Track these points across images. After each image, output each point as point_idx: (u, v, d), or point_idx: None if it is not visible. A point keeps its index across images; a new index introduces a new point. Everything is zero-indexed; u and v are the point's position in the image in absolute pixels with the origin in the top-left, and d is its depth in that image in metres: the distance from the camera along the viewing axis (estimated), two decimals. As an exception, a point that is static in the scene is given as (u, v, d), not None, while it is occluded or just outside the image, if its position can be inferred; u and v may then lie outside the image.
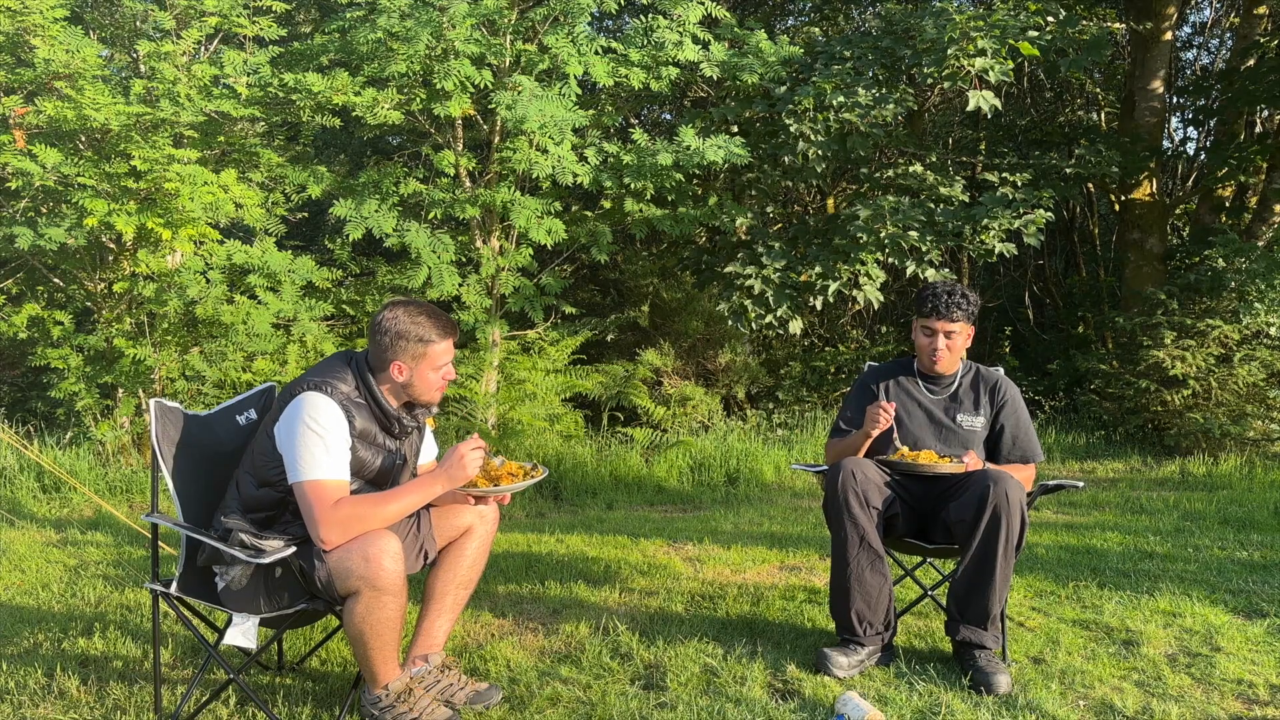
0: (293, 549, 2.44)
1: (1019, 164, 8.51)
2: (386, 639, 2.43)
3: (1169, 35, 9.48)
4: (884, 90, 7.63)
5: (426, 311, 2.58)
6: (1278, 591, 3.83)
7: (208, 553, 2.58)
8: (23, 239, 6.36)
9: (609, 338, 9.88)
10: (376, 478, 2.60)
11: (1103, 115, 11.42)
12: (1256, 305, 7.88)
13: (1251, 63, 9.30)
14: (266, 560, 2.40)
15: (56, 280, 7.60)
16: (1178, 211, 10.95)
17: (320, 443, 2.42)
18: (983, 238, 7.66)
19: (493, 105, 6.81)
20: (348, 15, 7.18)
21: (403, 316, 2.55)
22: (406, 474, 2.73)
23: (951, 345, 3.17)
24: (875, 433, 3.10)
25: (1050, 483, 3.20)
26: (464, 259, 7.79)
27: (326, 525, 2.37)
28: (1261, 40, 9.31)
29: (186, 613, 2.69)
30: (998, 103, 7.14)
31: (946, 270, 7.81)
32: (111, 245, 7.27)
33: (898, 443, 3.16)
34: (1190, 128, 12.32)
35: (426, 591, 2.81)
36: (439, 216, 7.41)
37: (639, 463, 7.26)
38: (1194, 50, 13.08)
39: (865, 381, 3.38)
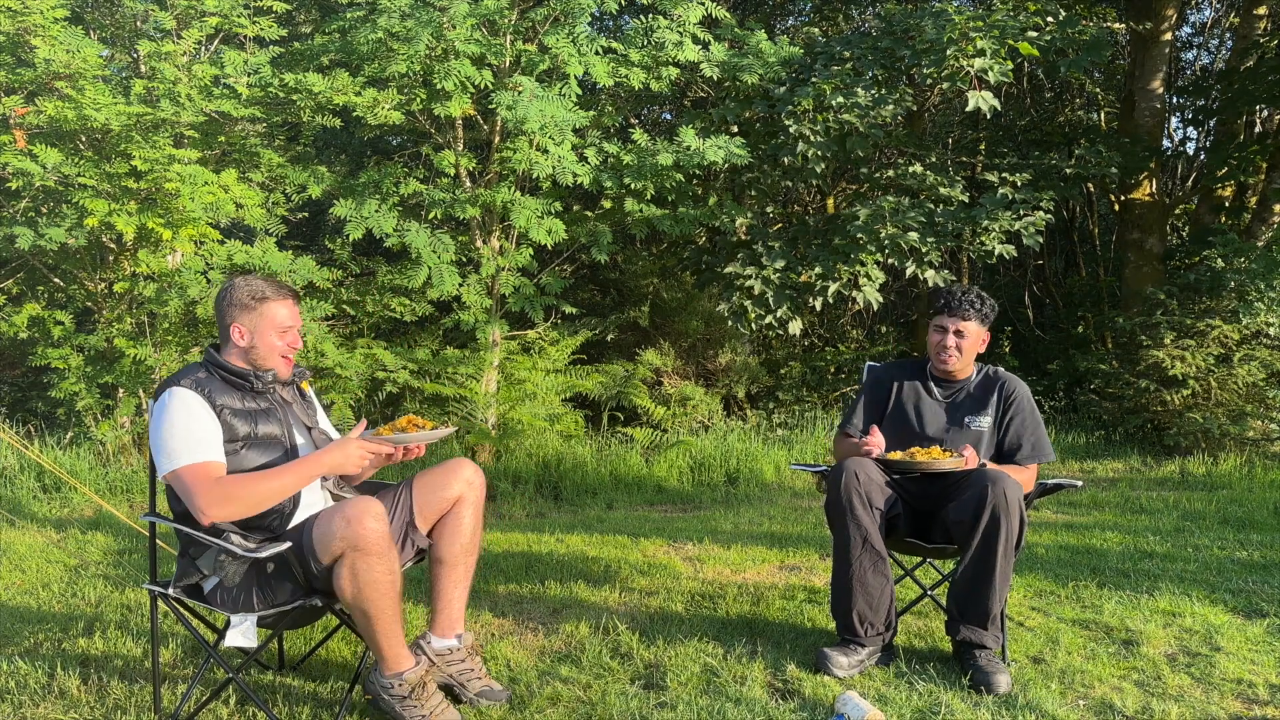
0: (287, 544, 2.43)
1: (1019, 164, 8.51)
2: (383, 607, 2.40)
3: (1169, 35, 9.48)
4: (883, 91, 7.63)
5: (263, 278, 2.67)
6: (1278, 591, 3.83)
7: (185, 569, 2.56)
8: (23, 239, 6.36)
9: (609, 338, 9.88)
10: (275, 442, 2.60)
11: (1103, 115, 11.43)
12: (1256, 305, 7.88)
13: (1251, 63, 9.30)
14: (262, 555, 2.40)
15: (57, 280, 7.60)
16: (1178, 211, 10.95)
17: (183, 431, 2.44)
18: (982, 239, 7.66)
19: (493, 105, 6.81)
20: (348, 15, 7.18)
21: (239, 283, 2.64)
22: (317, 438, 2.74)
23: (962, 345, 3.18)
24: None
25: (1049, 482, 3.20)
26: (464, 259, 7.79)
27: (206, 499, 2.38)
28: (1261, 40, 9.31)
29: (185, 613, 2.69)
30: (997, 103, 7.15)
31: (946, 271, 7.82)
32: (112, 245, 7.27)
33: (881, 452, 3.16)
34: (1190, 128, 12.33)
35: (435, 564, 2.81)
36: (439, 216, 7.42)
37: (639, 463, 7.26)
38: (1194, 50, 13.09)
39: (878, 377, 3.40)
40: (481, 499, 2.86)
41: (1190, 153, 12.11)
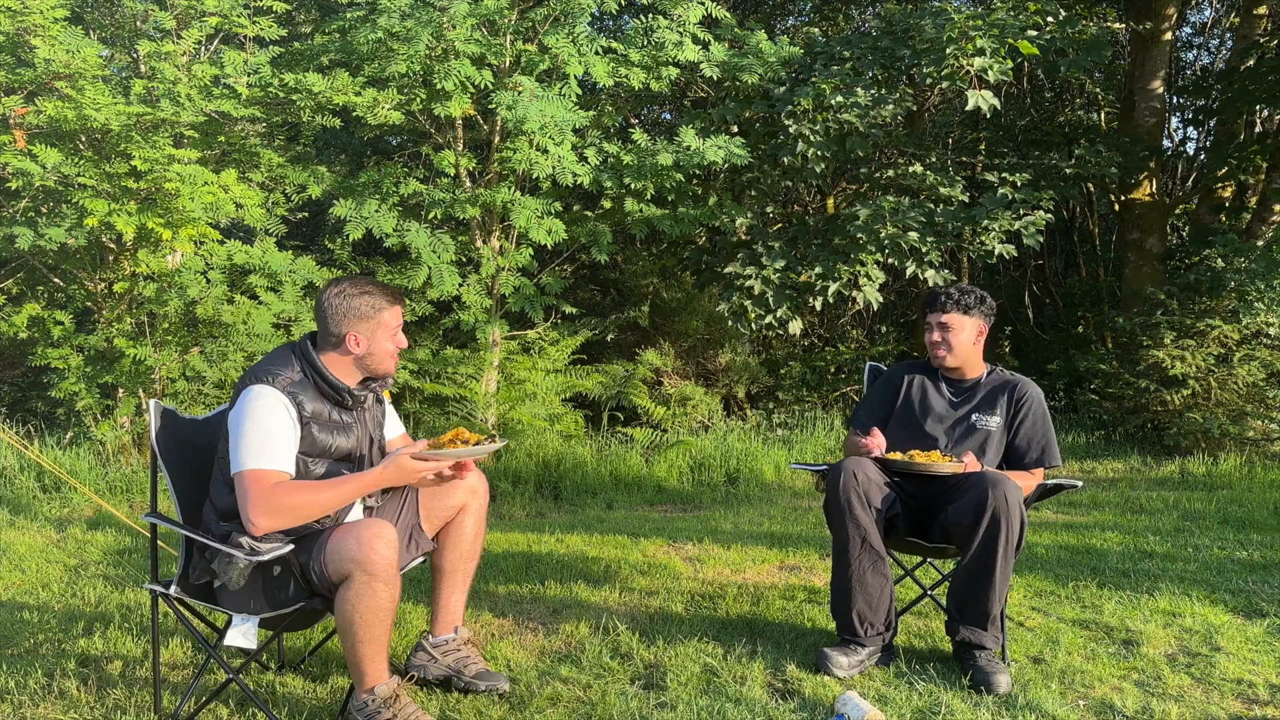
0: (290, 546, 2.44)
1: (1019, 164, 8.51)
2: (376, 633, 2.42)
3: (1169, 35, 9.48)
4: (883, 90, 7.63)
5: (371, 282, 2.65)
6: (1278, 591, 3.83)
7: (198, 569, 2.59)
8: (23, 239, 6.36)
9: (609, 338, 9.88)
10: (345, 456, 2.62)
11: (1103, 115, 11.43)
12: (1256, 305, 7.88)
13: (1251, 63, 9.30)
14: (265, 557, 2.40)
15: (57, 280, 7.60)
16: (1178, 211, 10.95)
17: (261, 434, 2.44)
18: (982, 239, 7.66)
19: (493, 105, 6.81)
20: (348, 15, 7.18)
21: (350, 289, 2.61)
22: (375, 449, 2.75)
23: (949, 339, 3.24)
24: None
25: (1049, 483, 3.20)
26: (464, 259, 7.79)
27: (257, 508, 2.38)
28: (1261, 40, 9.31)
29: (186, 613, 2.69)
30: (997, 102, 7.15)
31: (946, 271, 7.82)
32: (112, 245, 7.27)
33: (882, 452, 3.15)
34: (1190, 128, 12.33)
35: (435, 571, 2.88)
36: (439, 216, 7.41)
37: (639, 463, 7.26)
38: (1194, 50, 13.10)
39: (890, 375, 3.42)
40: (484, 507, 2.89)
41: (1190, 153, 12.12)
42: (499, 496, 6.52)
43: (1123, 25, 9.78)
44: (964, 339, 3.24)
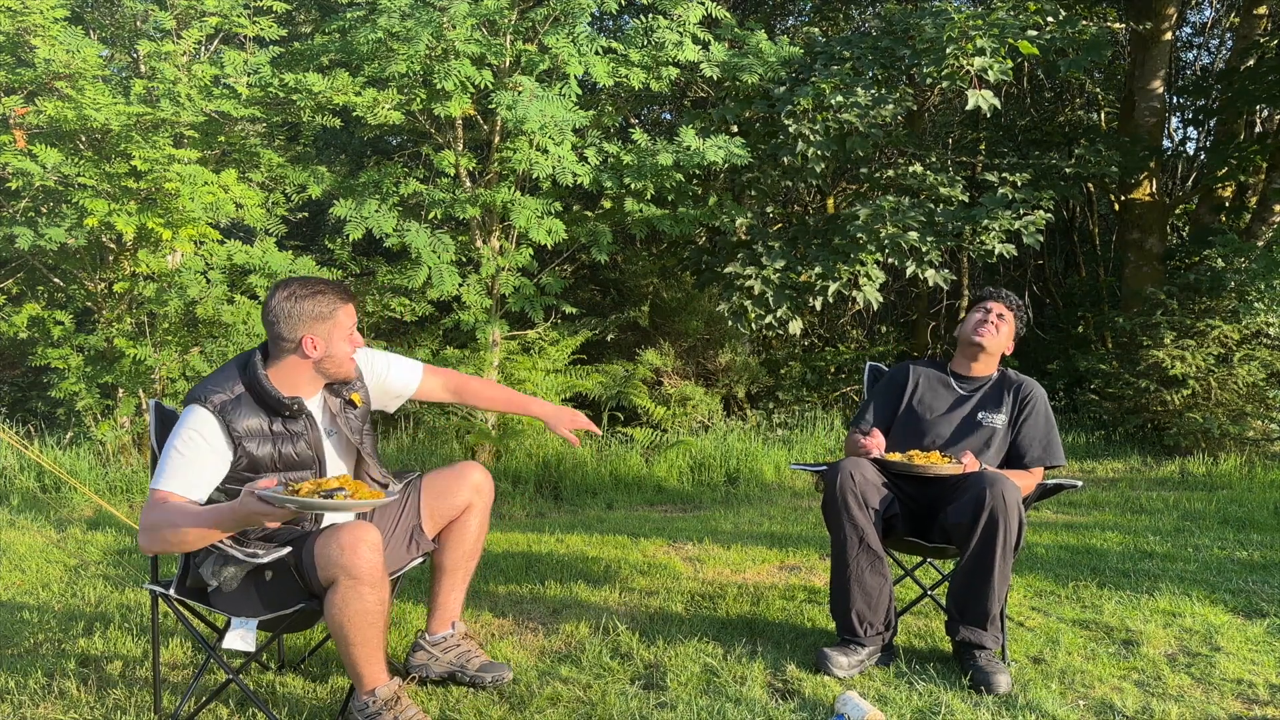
0: (288, 549, 2.43)
1: (1019, 164, 8.51)
2: (368, 635, 2.40)
3: (1169, 35, 9.48)
4: (883, 90, 7.63)
5: (321, 281, 2.57)
6: (1278, 591, 3.83)
7: (191, 574, 2.59)
8: (23, 239, 6.36)
9: (609, 338, 9.88)
10: (298, 465, 2.55)
11: (1103, 115, 11.43)
12: (1256, 305, 7.88)
13: (1251, 63, 9.30)
14: (263, 560, 2.40)
15: (56, 280, 7.60)
16: (1178, 211, 10.96)
17: (171, 454, 2.42)
18: (982, 238, 7.67)
19: (493, 105, 6.81)
20: (348, 15, 7.18)
21: (300, 290, 2.52)
22: (343, 450, 2.69)
23: (999, 326, 3.29)
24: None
25: (1049, 483, 3.20)
26: (464, 259, 7.79)
27: (141, 528, 2.38)
28: (1261, 40, 9.31)
29: (186, 613, 2.69)
30: (997, 102, 7.15)
31: (946, 271, 7.82)
32: (112, 245, 7.27)
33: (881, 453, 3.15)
34: (1190, 128, 12.34)
35: (436, 569, 2.86)
36: (439, 216, 7.42)
37: (639, 463, 7.26)
38: (1194, 50, 13.10)
39: (895, 374, 3.43)
40: (489, 505, 2.86)
41: (1190, 153, 12.14)
42: (499, 496, 6.52)
43: (1123, 25, 9.78)
44: (1005, 333, 3.32)
